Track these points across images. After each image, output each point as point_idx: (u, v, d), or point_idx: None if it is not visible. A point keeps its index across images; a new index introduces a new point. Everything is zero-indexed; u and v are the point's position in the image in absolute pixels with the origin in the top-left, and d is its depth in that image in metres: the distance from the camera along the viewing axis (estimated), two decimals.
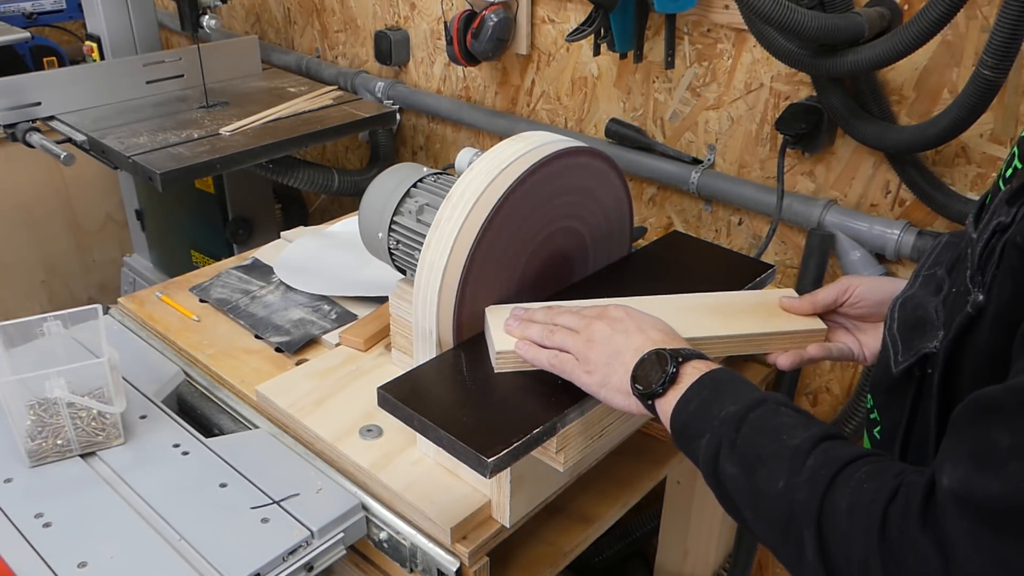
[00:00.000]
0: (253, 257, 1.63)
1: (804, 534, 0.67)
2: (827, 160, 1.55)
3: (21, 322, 1.22)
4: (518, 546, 1.18)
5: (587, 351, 0.91)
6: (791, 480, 0.69)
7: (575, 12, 1.81)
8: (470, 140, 2.19)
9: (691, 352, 0.86)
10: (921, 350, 0.75)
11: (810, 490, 0.68)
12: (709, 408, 0.79)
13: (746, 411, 0.76)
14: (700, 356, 0.85)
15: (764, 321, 1.05)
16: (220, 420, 1.28)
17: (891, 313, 0.83)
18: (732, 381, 0.81)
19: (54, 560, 0.99)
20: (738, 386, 0.80)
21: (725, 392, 0.80)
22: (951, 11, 1.16)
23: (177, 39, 2.96)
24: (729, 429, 0.76)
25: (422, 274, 1.05)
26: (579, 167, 1.14)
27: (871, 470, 0.67)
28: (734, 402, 0.78)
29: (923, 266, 0.85)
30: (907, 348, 0.78)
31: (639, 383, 0.85)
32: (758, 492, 0.72)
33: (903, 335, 0.80)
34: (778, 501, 0.70)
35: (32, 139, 1.96)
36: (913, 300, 0.81)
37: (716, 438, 0.76)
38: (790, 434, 0.72)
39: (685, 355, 0.85)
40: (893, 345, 0.80)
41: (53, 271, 2.73)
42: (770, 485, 0.71)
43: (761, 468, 0.72)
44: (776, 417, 0.75)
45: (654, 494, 1.44)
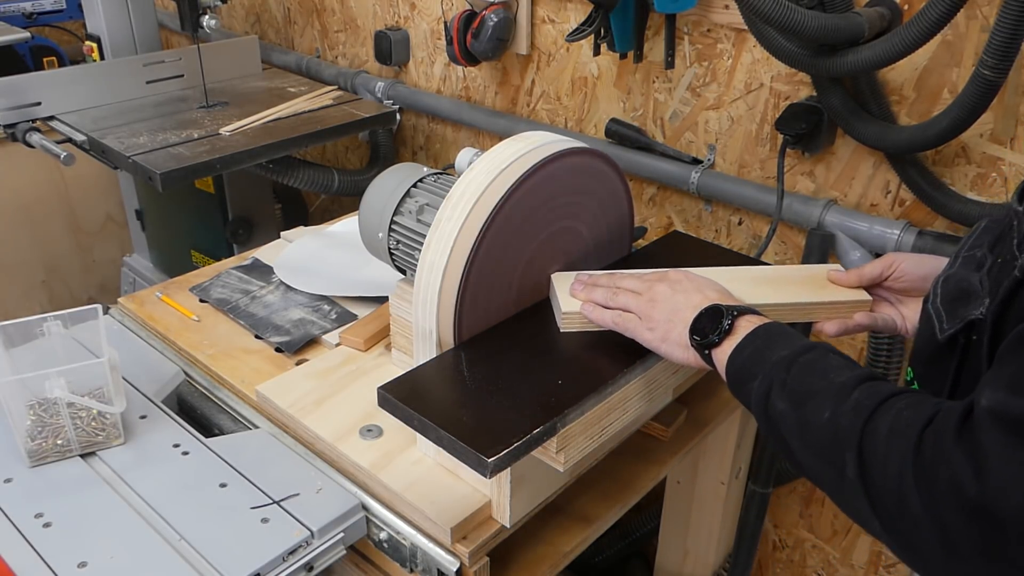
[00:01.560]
0: (253, 257, 1.63)
1: (846, 457, 0.72)
2: (827, 160, 1.55)
3: (21, 322, 1.22)
4: (518, 546, 1.18)
5: (649, 310, 0.99)
6: (836, 409, 0.75)
7: (575, 12, 1.81)
8: (470, 140, 2.19)
9: (746, 307, 0.93)
10: (967, 317, 0.78)
11: (853, 417, 0.73)
12: (762, 354, 0.86)
13: (797, 355, 0.83)
14: (755, 311, 0.93)
15: (811, 292, 1.10)
16: (220, 420, 1.28)
17: (933, 289, 0.87)
18: (784, 332, 0.88)
19: (54, 560, 0.99)
20: (789, 335, 0.87)
21: (777, 340, 0.86)
22: (951, 11, 1.16)
23: (177, 39, 2.96)
24: (780, 371, 0.82)
25: (422, 274, 1.05)
26: (579, 167, 1.14)
27: (912, 401, 0.72)
28: (786, 348, 0.84)
29: (963, 247, 0.88)
30: (952, 317, 0.81)
31: (696, 335, 0.93)
32: (805, 423, 0.77)
33: (946, 306, 0.83)
34: (823, 429, 0.75)
35: (32, 139, 1.96)
36: (955, 277, 0.85)
37: (768, 379, 0.83)
38: (837, 373, 0.79)
39: (740, 310, 0.92)
40: (937, 316, 0.84)
41: (53, 271, 2.73)
42: (817, 416, 0.76)
43: (809, 402, 0.78)
44: (825, 359, 0.82)
45: (654, 494, 1.44)
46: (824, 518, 1.82)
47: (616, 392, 1.02)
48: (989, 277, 0.80)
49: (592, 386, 0.98)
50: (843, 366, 0.81)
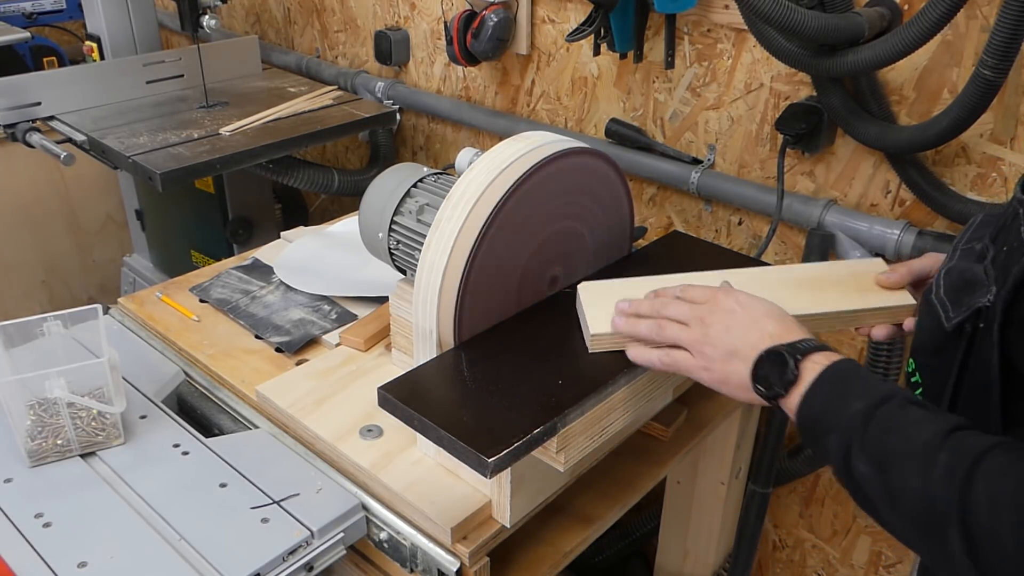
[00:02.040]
0: (253, 257, 1.63)
1: (948, 532, 0.68)
2: (827, 160, 1.55)
3: (21, 322, 1.22)
4: (518, 546, 1.18)
5: (702, 347, 0.92)
6: (927, 476, 0.70)
7: (575, 12, 1.81)
8: (470, 140, 2.19)
9: (809, 345, 0.86)
10: (973, 305, 0.78)
11: (947, 487, 0.69)
12: (835, 405, 0.80)
13: (873, 408, 0.77)
14: (819, 348, 0.86)
15: (856, 297, 1.05)
16: (220, 420, 1.28)
17: (936, 281, 0.86)
18: (855, 375, 0.82)
19: (54, 560, 0.99)
20: (862, 380, 0.81)
21: (850, 388, 0.81)
22: (951, 11, 1.16)
23: (177, 39, 2.96)
24: (857, 428, 0.77)
25: (422, 274, 1.05)
26: (579, 167, 1.14)
27: (1005, 461, 0.68)
28: (859, 397, 0.79)
29: (961, 241, 0.88)
30: (957, 306, 0.80)
31: (760, 384, 0.87)
32: (893, 490, 0.73)
33: (950, 296, 0.82)
34: (916, 499, 0.71)
35: (32, 139, 1.96)
36: (957, 269, 0.84)
37: (845, 436, 0.77)
38: (918, 429, 0.74)
39: (803, 349, 0.85)
40: (941, 306, 0.82)
41: (53, 271, 2.73)
42: (905, 483, 0.72)
43: (894, 466, 0.73)
44: (903, 412, 0.76)
45: (654, 494, 1.44)
46: (824, 518, 1.82)
47: (616, 392, 1.02)
48: (994, 266, 0.79)
49: (592, 386, 0.98)
50: (923, 418, 0.75)
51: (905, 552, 1.70)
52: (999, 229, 0.82)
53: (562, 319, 1.12)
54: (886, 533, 1.76)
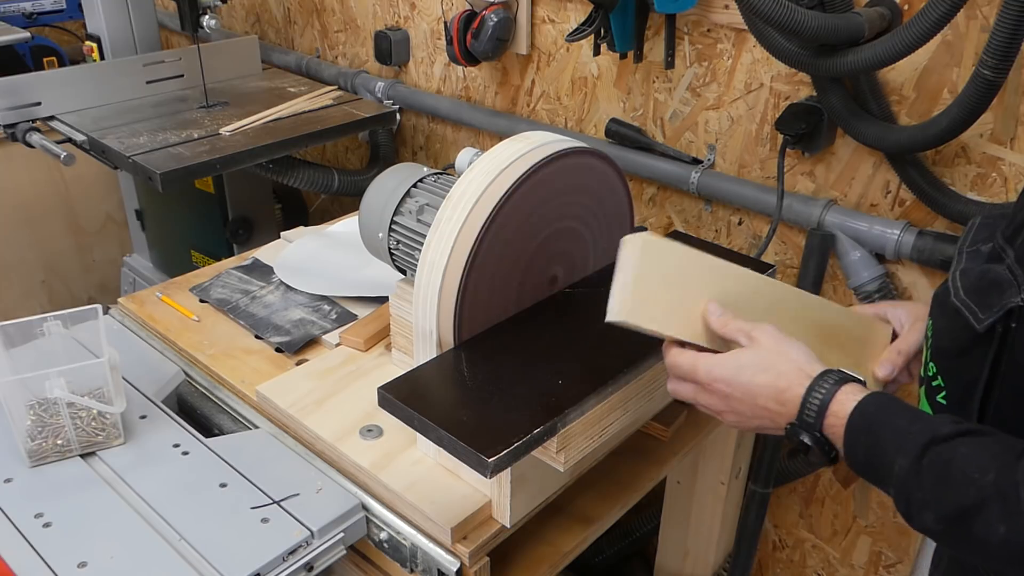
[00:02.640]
0: (253, 257, 1.63)
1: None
2: (827, 160, 1.55)
3: (21, 322, 1.22)
4: (518, 546, 1.18)
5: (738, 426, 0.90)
6: (1012, 524, 0.67)
7: (575, 12, 1.81)
8: (470, 140, 2.19)
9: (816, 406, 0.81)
10: (1006, 305, 0.76)
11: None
12: (876, 458, 0.77)
13: (917, 460, 0.73)
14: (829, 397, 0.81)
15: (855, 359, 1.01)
16: (220, 420, 1.29)
17: (951, 284, 0.83)
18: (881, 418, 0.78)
19: (54, 560, 0.99)
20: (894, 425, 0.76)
21: (885, 438, 0.77)
22: (951, 11, 1.16)
23: (177, 39, 2.96)
24: (912, 487, 0.73)
25: (422, 274, 1.05)
26: (579, 167, 1.14)
27: None
28: (900, 451, 0.75)
29: (964, 243, 0.87)
30: (986, 307, 0.78)
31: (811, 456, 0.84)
32: (977, 542, 0.70)
33: (974, 298, 0.80)
34: (1007, 549, 0.68)
35: (32, 139, 1.96)
36: (973, 270, 0.82)
37: (903, 496, 0.74)
38: (978, 468, 0.69)
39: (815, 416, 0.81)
40: (967, 308, 0.80)
41: (53, 271, 2.73)
42: (989, 533, 0.68)
43: (970, 519, 0.69)
44: (952, 455, 0.72)
45: (654, 494, 1.44)
46: (824, 518, 1.82)
47: (616, 392, 1.02)
48: (1020, 265, 0.77)
49: (592, 386, 0.98)
50: (976, 451, 0.71)
51: (905, 552, 1.70)
52: (1016, 229, 0.80)
53: (562, 319, 1.12)
54: (886, 533, 1.76)
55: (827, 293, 1.61)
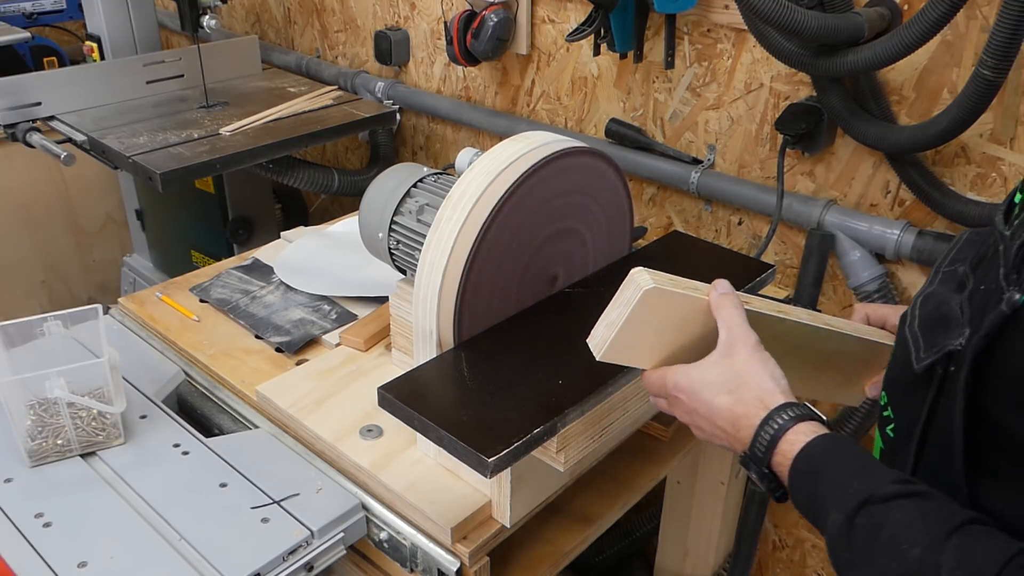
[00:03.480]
0: (253, 257, 1.63)
1: None
2: (827, 160, 1.55)
3: (21, 322, 1.22)
4: (518, 546, 1.18)
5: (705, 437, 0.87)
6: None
7: (575, 12, 1.81)
8: (470, 140, 2.19)
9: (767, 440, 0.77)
10: (945, 347, 0.72)
11: None
12: (814, 504, 0.73)
13: (851, 518, 0.69)
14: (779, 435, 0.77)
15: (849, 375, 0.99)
16: (220, 420, 1.28)
17: (911, 310, 0.80)
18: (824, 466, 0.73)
19: (54, 560, 0.99)
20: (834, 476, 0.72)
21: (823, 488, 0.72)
22: (951, 11, 1.16)
23: (177, 39, 2.96)
24: (841, 545, 0.69)
25: (422, 274, 1.05)
26: (579, 167, 1.14)
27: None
28: (836, 504, 0.70)
29: (943, 262, 0.83)
30: (929, 345, 0.75)
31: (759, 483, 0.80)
32: None
33: (924, 332, 0.77)
34: None
35: (32, 139, 1.96)
36: (935, 297, 0.79)
37: (833, 550, 0.70)
38: (908, 539, 0.65)
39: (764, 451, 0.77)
40: (914, 342, 0.77)
41: (53, 271, 2.73)
42: None
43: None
44: (886, 519, 0.67)
45: (654, 494, 1.44)
46: None
47: (616, 392, 1.02)
48: (971, 304, 0.73)
49: (592, 386, 0.98)
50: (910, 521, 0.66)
51: None
52: (980, 257, 0.77)
53: (562, 319, 1.12)
54: None
55: (827, 293, 1.61)
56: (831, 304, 1.62)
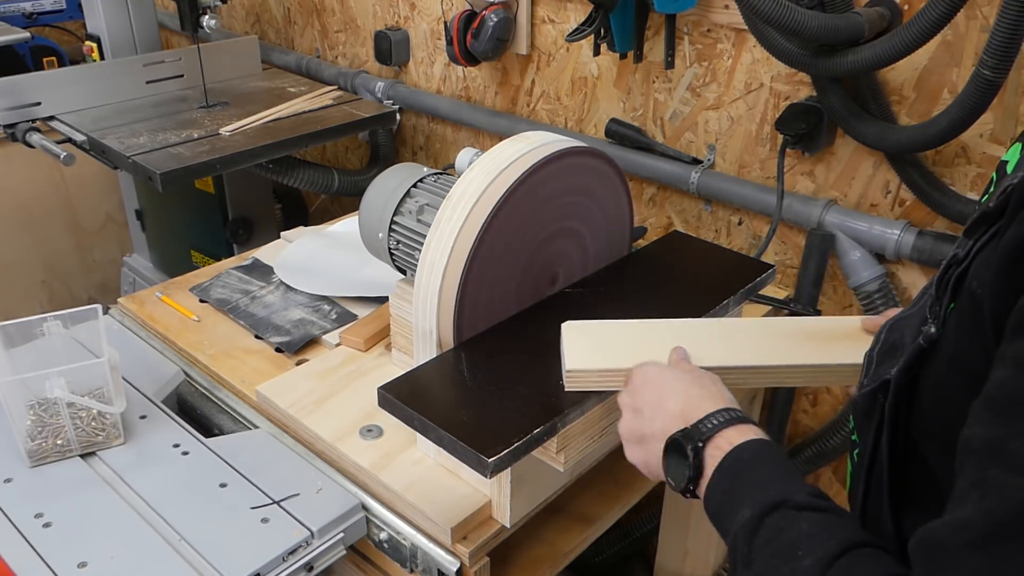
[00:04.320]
0: (253, 257, 1.63)
1: None
2: (827, 160, 1.55)
3: (21, 322, 1.22)
4: (518, 546, 1.18)
5: (627, 435, 0.87)
6: None
7: (575, 12, 1.81)
8: (470, 140, 2.19)
9: (712, 425, 0.77)
10: (883, 376, 0.72)
11: None
12: (729, 504, 0.73)
13: (760, 517, 0.69)
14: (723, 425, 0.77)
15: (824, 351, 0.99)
16: (220, 420, 1.29)
17: (878, 334, 0.80)
18: (751, 467, 0.74)
19: (54, 560, 0.99)
20: (757, 475, 0.73)
21: (743, 484, 0.73)
22: (951, 11, 1.16)
23: (177, 39, 2.96)
24: (743, 541, 0.69)
25: (422, 274, 1.05)
26: (579, 167, 1.14)
27: None
28: (750, 502, 0.71)
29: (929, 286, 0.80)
30: (875, 373, 0.75)
31: (671, 478, 0.79)
32: None
33: (879, 358, 0.77)
34: None
35: (32, 139, 1.96)
36: (901, 323, 0.78)
37: (733, 548, 0.71)
38: (807, 548, 0.65)
39: (705, 433, 0.77)
40: (867, 366, 0.77)
41: (53, 271, 2.73)
42: None
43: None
44: (793, 525, 0.67)
45: (654, 494, 1.44)
46: None
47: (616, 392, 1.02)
48: (914, 335, 0.71)
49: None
50: (814, 532, 0.66)
51: None
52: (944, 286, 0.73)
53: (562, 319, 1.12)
54: None
55: (827, 293, 1.61)
56: (831, 304, 1.62)
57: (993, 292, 0.59)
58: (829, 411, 1.70)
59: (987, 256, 0.61)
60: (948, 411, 0.63)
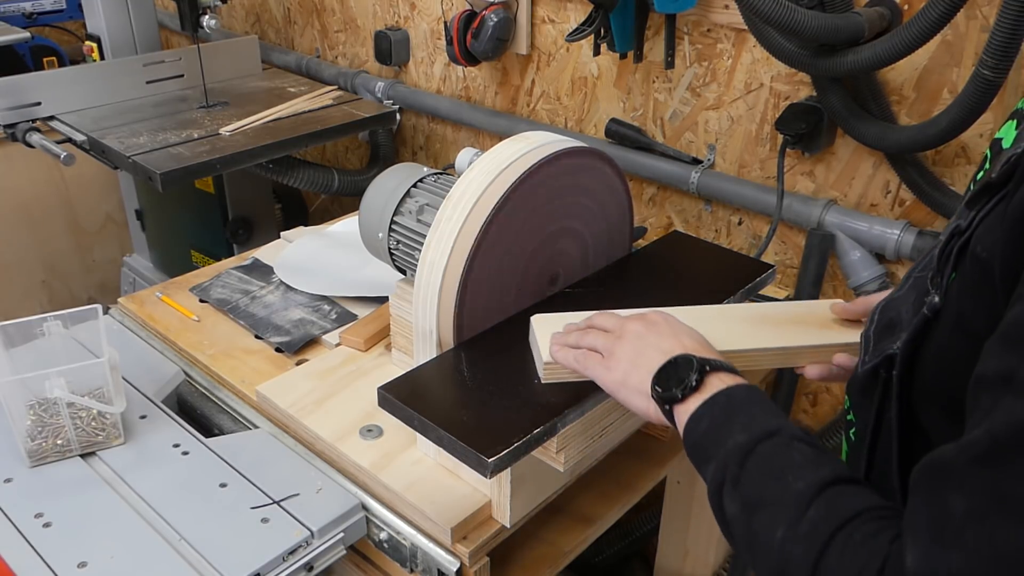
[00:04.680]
0: (253, 257, 1.63)
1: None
2: (827, 160, 1.55)
3: (21, 322, 1.22)
4: (518, 546, 1.18)
5: (613, 347, 0.88)
6: (789, 531, 0.66)
7: (575, 12, 1.81)
8: (470, 140, 2.19)
9: (720, 363, 0.82)
10: (886, 350, 0.74)
11: (806, 547, 0.65)
12: (719, 431, 0.75)
13: (754, 443, 0.72)
14: (729, 369, 0.81)
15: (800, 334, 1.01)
16: (220, 420, 1.28)
17: (872, 315, 0.83)
18: (748, 403, 0.77)
19: (54, 560, 0.99)
20: (753, 410, 0.76)
21: (738, 415, 0.76)
22: (951, 11, 1.16)
23: (177, 39, 2.96)
24: (734, 462, 0.72)
25: (422, 274, 1.05)
26: (579, 167, 1.14)
27: (869, 530, 0.64)
28: (744, 429, 0.74)
29: (915, 268, 0.83)
30: (875, 349, 0.77)
31: (659, 385, 0.82)
32: (756, 537, 0.69)
33: (876, 336, 0.79)
34: (773, 552, 0.67)
35: (32, 139, 1.96)
36: (894, 304, 0.80)
37: (721, 470, 0.73)
38: (796, 475, 0.69)
39: (714, 365, 0.81)
40: (865, 345, 0.80)
41: (53, 271, 2.73)
42: (768, 532, 0.68)
43: (762, 511, 0.69)
44: (785, 453, 0.71)
45: (654, 494, 1.44)
46: None
47: None
48: (914, 308, 0.75)
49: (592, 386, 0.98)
50: (805, 463, 0.69)
51: None
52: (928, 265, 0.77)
53: None
54: None
55: (827, 293, 1.61)
56: None
57: (1004, 249, 0.60)
58: (829, 411, 1.70)
59: (992, 222, 0.63)
60: (950, 375, 0.66)
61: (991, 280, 0.62)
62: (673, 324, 0.89)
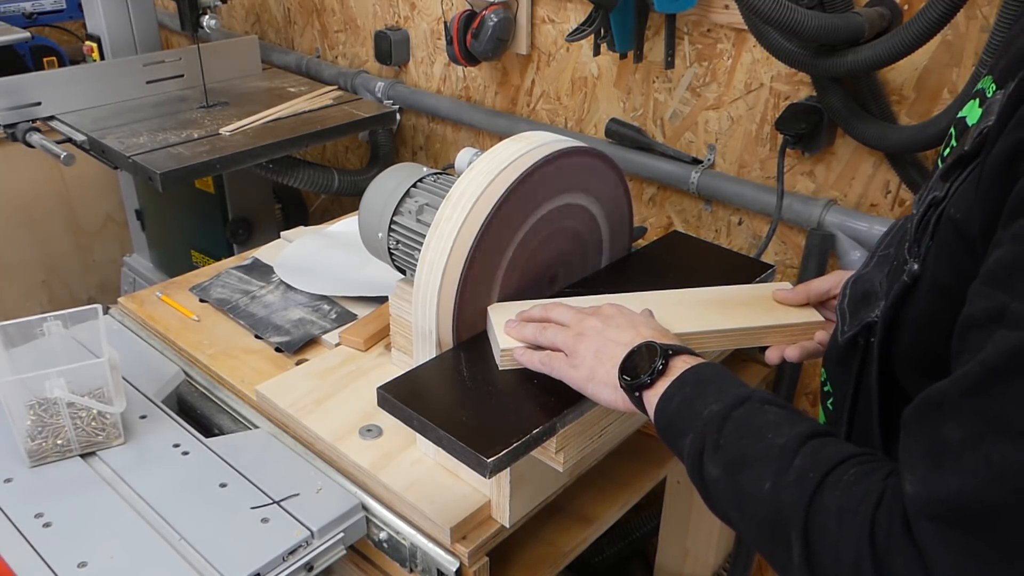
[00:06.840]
0: (253, 257, 1.63)
1: (791, 536, 0.66)
2: (827, 160, 1.55)
3: (21, 322, 1.22)
4: (518, 546, 1.18)
5: (576, 345, 0.92)
6: (778, 481, 0.68)
7: (575, 12, 1.81)
8: (470, 140, 2.19)
9: (681, 347, 0.86)
10: (864, 319, 0.78)
11: (798, 491, 0.66)
12: (692, 405, 0.78)
13: (729, 409, 0.75)
14: (689, 352, 0.86)
15: (762, 314, 1.06)
16: (220, 420, 1.29)
17: (843, 290, 0.86)
18: (717, 377, 0.81)
19: (54, 560, 0.99)
20: (722, 383, 0.79)
21: (708, 389, 0.79)
22: (951, 11, 1.16)
23: (177, 39, 2.96)
24: (712, 429, 0.75)
25: (422, 274, 1.06)
26: (579, 167, 1.14)
27: (859, 472, 0.65)
28: (717, 400, 0.77)
29: (878, 247, 0.87)
30: (853, 319, 0.81)
31: (627, 374, 0.85)
32: (743, 493, 0.71)
33: (851, 308, 0.83)
34: (764, 503, 0.69)
35: (32, 139, 1.96)
36: (865, 278, 0.84)
37: (699, 438, 0.76)
38: (776, 432, 0.71)
39: (676, 349, 0.85)
40: (841, 317, 0.83)
41: (53, 271, 2.73)
42: (756, 486, 0.69)
43: (746, 469, 0.71)
44: (760, 415, 0.74)
45: (654, 494, 1.44)
46: None
47: None
48: (888, 279, 0.78)
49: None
50: (781, 421, 0.72)
51: None
52: (900, 238, 0.81)
53: None
54: None
55: None
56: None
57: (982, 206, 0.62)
58: None
59: (966, 190, 0.66)
60: (928, 334, 0.69)
61: (966, 240, 0.64)
62: (628, 315, 0.94)
